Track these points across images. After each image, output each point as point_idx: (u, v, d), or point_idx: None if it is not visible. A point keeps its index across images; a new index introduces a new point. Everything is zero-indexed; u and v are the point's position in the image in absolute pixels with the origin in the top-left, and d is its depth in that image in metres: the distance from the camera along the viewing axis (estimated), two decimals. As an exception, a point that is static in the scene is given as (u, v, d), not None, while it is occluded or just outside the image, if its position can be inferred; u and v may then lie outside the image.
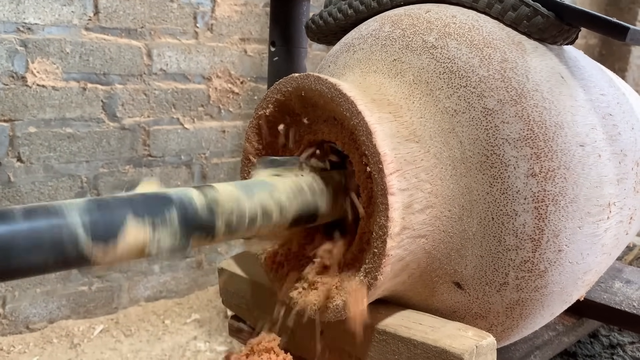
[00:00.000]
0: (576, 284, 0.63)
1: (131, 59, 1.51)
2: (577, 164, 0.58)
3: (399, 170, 0.55)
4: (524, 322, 0.62)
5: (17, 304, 1.46)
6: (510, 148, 0.56)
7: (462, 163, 0.58)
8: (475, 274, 0.59)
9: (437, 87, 0.59)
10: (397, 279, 0.59)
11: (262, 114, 0.65)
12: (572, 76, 0.63)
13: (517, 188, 0.56)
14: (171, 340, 1.52)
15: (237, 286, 0.76)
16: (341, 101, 0.56)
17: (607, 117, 0.64)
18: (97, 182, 1.52)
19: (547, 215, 0.57)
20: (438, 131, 0.59)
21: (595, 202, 0.60)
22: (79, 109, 1.45)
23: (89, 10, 1.42)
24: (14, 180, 1.39)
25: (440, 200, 0.58)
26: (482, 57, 0.59)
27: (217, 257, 1.81)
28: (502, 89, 0.57)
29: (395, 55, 0.63)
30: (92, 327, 1.53)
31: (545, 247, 0.57)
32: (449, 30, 0.61)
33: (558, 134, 0.57)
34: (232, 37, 1.70)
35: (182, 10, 1.58)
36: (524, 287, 0.59)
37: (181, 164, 1.67)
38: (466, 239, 0.58)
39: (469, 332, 0.58)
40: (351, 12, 0.75)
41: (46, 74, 1.39)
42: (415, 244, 0.57)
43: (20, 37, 1.34)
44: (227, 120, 1.75)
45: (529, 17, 0.61)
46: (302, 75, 0.61)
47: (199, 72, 1.65)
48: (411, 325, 0.59)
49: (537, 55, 0.61)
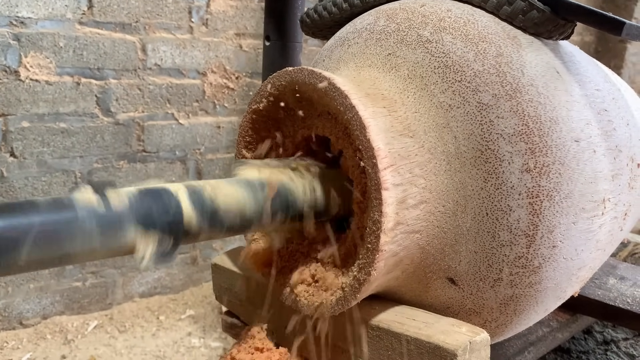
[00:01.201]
0: (570, 280, 0.63)
1: (125, 53, 1.50)
2: (571, 160, 0.58)
3: (392, 165, 0.54)
4: (518, 318, 0.62)
5: (11, 299, 1.45)
6: (505, 143, 0.56)
7: (456, 158, 0.57)
8: (469, 270, 0.59)
9: (432, 81, 0.59)
10: (391, 274, 0.59)
11: (256, 108, 0.65)
12: (568, 71, 0.62)
13: (512, 183, 0.56)
14: (165, 336, 1.51)
15: (230, 282, 0.75)
16: (335, 95, 0.56)
17: (602, 112, 0.64)
18: (91, 178, 1.51)
19: (542, 211, 0.56)
20: (432, 126, 0.58)
21: (590, 198, 0.60)
22: (72, 103, 1.44)
23: (83, 4, 1.41)
24: (7, 175, 1.38)
25: (434, 195, 0.58)
26: (477, 52, 0.58)
27: (212, 253, 1.81)
28: (497, 84, 0.57)
29: (389, 50, 0.63)
30: (86, 323, 1.53)
31: (540, 243, 0.57)
32: (444, 24, 0.61)
33: (553, 129, 0.57)
34: (227, 32, 1.69)
35: (177, 4, 1.57)
36: (518, 283, 0.59)
37: (176, 160, 1.66)
38: (460, 235, 0.58)
39: (463, 328, 0.58)
40: (346, 6, 0.74)
41: (39, 69, 1.38)
42: (409, 240, 0.57)
43: (13, 31, 1.33)
44: (222, 116, 1.74)
45: (524, 12, 0.60)
46: (296, 69, 0.60)
47: (193, 67, 1.64)
48: (405, 321, 0.59)
49: (532, 50, 0.60)
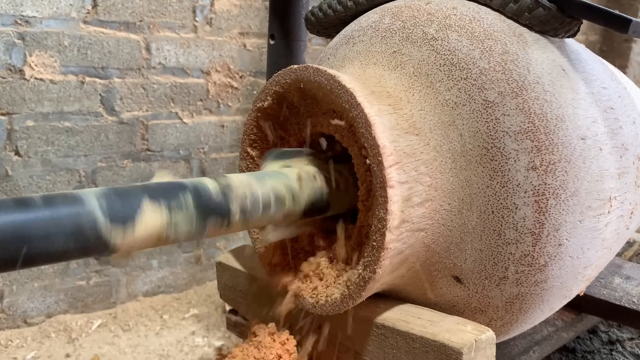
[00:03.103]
0: (576, 278, 0.63)
1: (130, 52, 1.50)
2: (578, 158, 0.58)
3: (398, 162, 0.54)
4: (523, 317, 0.62)
5: (15, 298, 1.45)
6: (511, 141, 0.56)
7: (462, 156, 0.57)
8: (475, 268, 0.58)
9: (438, 79, 0.59)
10: (396, 272, 0.59)
11: (261, 106, 0.65)
12: (574, 69, 0.62)
13: (518, 181, 0.56)
14: (169, 335, 1.51)
15: (234, 280, 0.75)
16: (340, 93, 0.56)
17: (608, 110, 0.64)
18: (95, 177, 1.51)
19: (548, 209, 0.56)
20: (438, 124, 0.58)
21: (596, 196, 0.60)
22: (77, 102, 1.44)
23: (87, 3, 1.41)
24: (12, 174, 1.38)
25: (439, 193, 0.58)
26: (483, 49, 0.58)
27: (216, 252, 1.81)
28: (503, 82, 0.57)
29: (395, 47, 0.63)
30: (90, 321, 1.53)
31: (546, 241, 0.57)
32: (450, 22, 0.61)
33: (559, 126, 0.57)
34: (232, 31, 1.69)
35: (181, 3, 1.57)
36: (524, 281, 0.58)
37: (180, 159, 1.66)
38: (466, 233, 0.58)
39: (468, 326, 0.57)
40: (351, 4, 0.74)
41: (44, 67, 1.38)
42: (414, 238, 0.57)
43: (18, 30, 1.33)
44: (226, 115, 1.74)
45: (530, 9, 0.60)
46: (301, 67, 0.60)
47: (197, 66, 1.64)
48: (410, 319, 0.59)
49: (538, 48, 0.60)
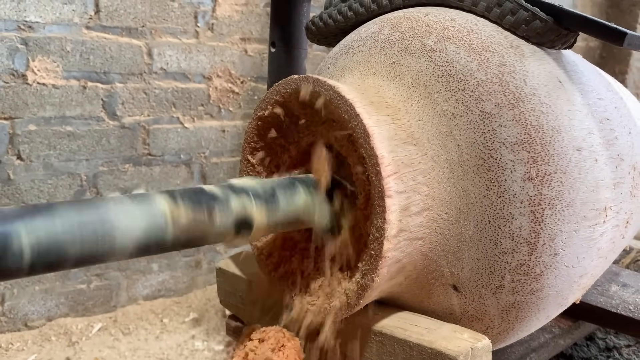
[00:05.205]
0: (572, 287, 0.63)
1: (132, 57, 1.51)
2: (573, 168, 0.58)
3: (396, 172, 0.55)
4: (519, 325, 0.63)
5: (16, 301, 1.46)
6: (508, 152, 0.56)
7: (459, 166, 0.58)
8: (472, 277, 0.59)
9: (436, 90, 0.60)
10: (394, 280, 0.59)
11: (261, 115, 0.65)
12: (570, 80, 0.63)
13: (514, 191, 0.56)
14: (169, 339, 1.52)
15: (234, 286, 0.76)
16: (340, 103, 0.57)
17: (604, 121, 0.64)
18: (97, 181, 1.52)
19: (544, 219, 0.57)
20: (436, 134, 0.59)
21: (592, 206, 0.61)
22: (79, 107, 1.45)
23: (89, 9, 1.42)
24: (14, 178, 1.39)
25: (437, 202, 0.58)
26: (481, 61, 0.59)
27: (216, 256, 1.81)
28: (500, 93, 0.58)
29: (394, 58, 0.64)
30: (90, 325, 1.54)
31: (541, 251, 0.58)
32: (448, 33, 0.62)
33: (555, 138, 0.58)
34: (233, 37, 1.70)
35: (182, 9, 1.58)
36: (520, 290, 0.59)
37: (181, 163, 1.67)
38: (463, 242, 0.59)
39: (465, 334, 0.58)
40: (351, 15, 0.75)
41: (47, 72, 1.39)
42: (412, 246, 0.57)
43: (21, 35, 1.34)
44: (227, 120, 1.75)
45: (527, 22, 0.61)
46: (301, 77, 0.61)
47: (199, 71, 1.65)
48: (407, 326, 0.60)
49: (535, 60, 0.61)
